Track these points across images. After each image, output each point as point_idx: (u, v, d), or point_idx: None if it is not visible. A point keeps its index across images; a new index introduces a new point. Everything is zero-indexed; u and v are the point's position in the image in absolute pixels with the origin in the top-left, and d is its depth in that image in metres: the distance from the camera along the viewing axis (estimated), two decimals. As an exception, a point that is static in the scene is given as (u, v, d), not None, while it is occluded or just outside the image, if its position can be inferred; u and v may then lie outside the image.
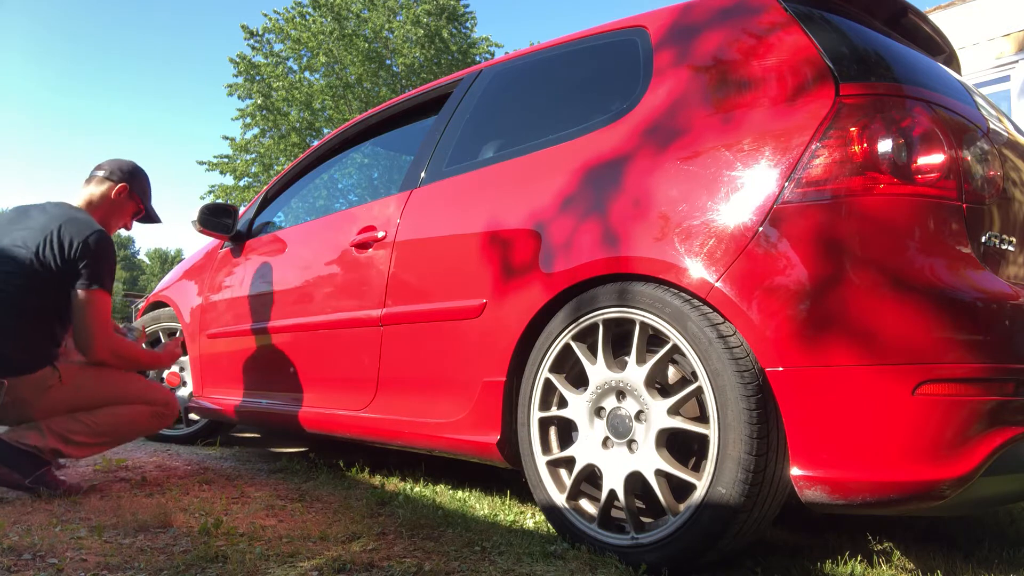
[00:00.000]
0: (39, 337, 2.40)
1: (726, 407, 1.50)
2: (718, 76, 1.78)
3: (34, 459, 2.28)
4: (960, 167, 1.53)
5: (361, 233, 2.51)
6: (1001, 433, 1.39)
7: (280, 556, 1.66)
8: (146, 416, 2.56)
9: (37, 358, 2.37)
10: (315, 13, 18.03)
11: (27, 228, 2.40)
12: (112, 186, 2.63)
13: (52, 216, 2.43)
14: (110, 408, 2.47)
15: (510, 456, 1.96)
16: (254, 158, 18.61)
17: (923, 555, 1.83)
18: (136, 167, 2.72)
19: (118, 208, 2.66)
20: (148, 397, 2.56)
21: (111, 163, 2.71)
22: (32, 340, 2.38)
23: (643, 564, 1.59)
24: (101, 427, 2.45)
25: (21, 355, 2.34)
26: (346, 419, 2.46)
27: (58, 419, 2.38)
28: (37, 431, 2.33)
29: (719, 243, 1.55)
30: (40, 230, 2.38)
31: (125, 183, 2.64)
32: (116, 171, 2.67)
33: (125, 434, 2.57)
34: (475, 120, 2.46)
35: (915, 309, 1.41)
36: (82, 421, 2.41)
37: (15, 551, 1.64)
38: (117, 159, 2.74)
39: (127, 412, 2.51)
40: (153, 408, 2.57)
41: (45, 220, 2.41)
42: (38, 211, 2.48)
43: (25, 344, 2.35)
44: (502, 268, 1.99)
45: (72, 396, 2.41)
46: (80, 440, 2.41)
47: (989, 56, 7.42)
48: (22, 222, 2.45)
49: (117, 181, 2.64)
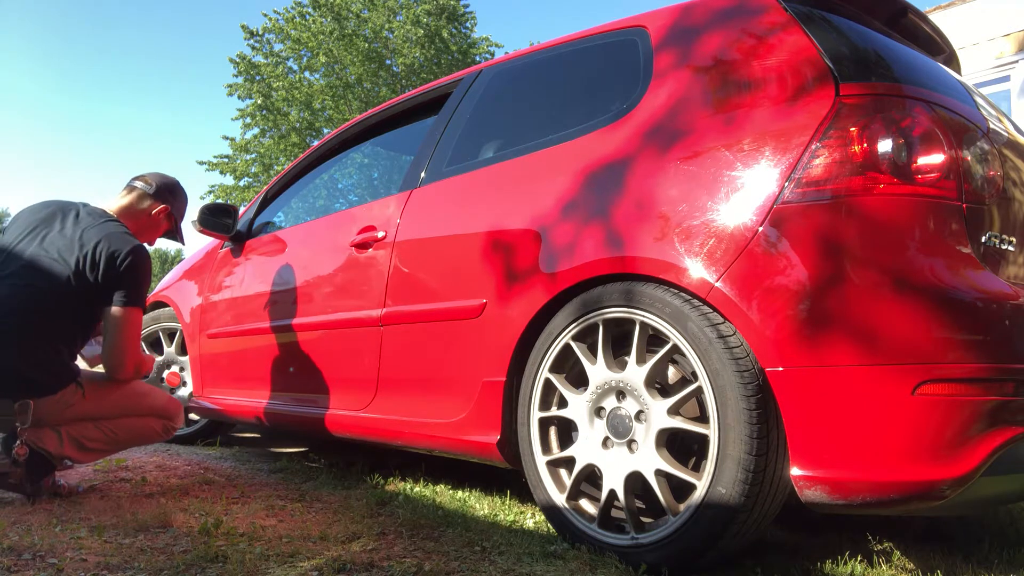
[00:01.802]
0: (64, 357, 2.35)
1: (726, 407, 1.50)
2: (718, 76, 1.78)
3: (44, 463, 2.28)
4: (960, 167, 1.53)
5: (361, 233, 2.51)
6: (1001, 433, 1.39)
7: (280, 556, 1.66)
8: (158, 429, 2.56)
9: (62, 378, 2.32)
10: (315, 13, 18.03)
11: (62, 236, 2.32)
12: (154, 204, 2.53)
13: (89, 228, 2.33)
14: (126, 419, 2.47)
15: (510, 456, 1.96)
16: (254, 158, 18.62)
17: (923, 555, 1.83)
18: (179, 188, 2.63)
19: (152, 225, 2.57)
20: (162, 411, 2.56)
21: (156, 178, 2.60)
22: (58, 361, 2.32)
23: (643, 564, 1.59)
24: (116, 436, 2.45)
25: (47, 378, 2.28)
26: (346, 419, 2.46)
27: (79, 425, 2.37)
28: (56, 435, 2.30)
29: (719, 243, 1.55)
30: (77, 242, 2.29)
31: (168, 204, 2.56)
32: (161, 190, 2.56)
33: (134, 444, 2.58)
34: (475, 120, 2.46)
35: (915, 309, 1.41)
36: (102, 429, 2.41)
37: (15, 551, 1.64)
38: (162, 175, 2.63)
39: (142, 424, 2.51)
40: (164, 422, 2.57)
41: (81, 232, 2.32)
42: (72, 217, 2.38)
43: (52, 366, 2.30)
44: (502, 268, 1.99)
45: (92, 409, 2.39)
46: (95, 447, 2.41)
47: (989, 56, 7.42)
48: (54, 225, 2.35)
49: (161, 201, 2.55)
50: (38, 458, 2.25)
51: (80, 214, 2.40)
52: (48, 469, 2.29)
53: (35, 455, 2.24)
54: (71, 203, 2.47)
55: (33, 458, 2.23)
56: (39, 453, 2.25)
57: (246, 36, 18.23)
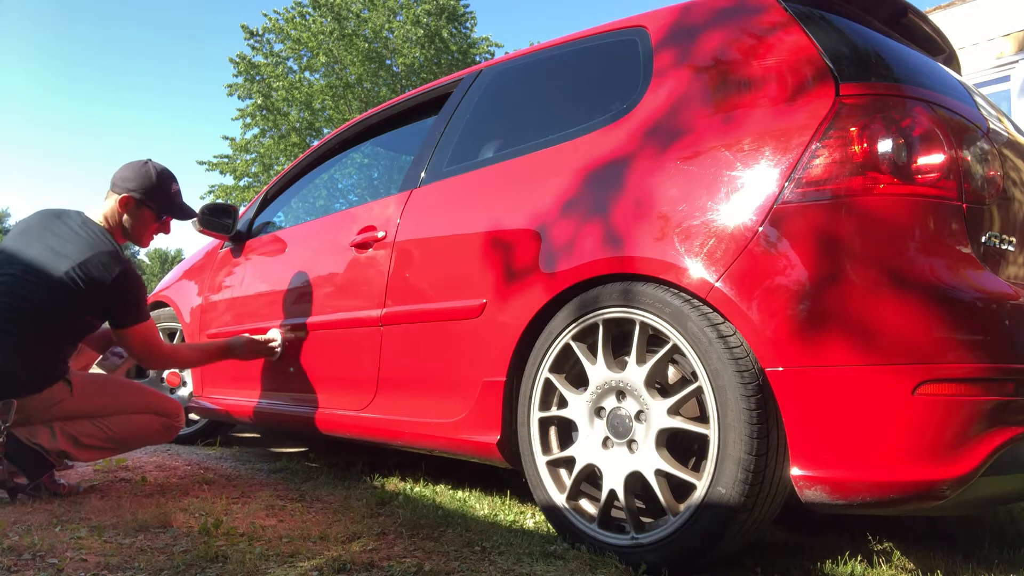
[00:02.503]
0: (51, 357, 2.35)
1: (726, 407, 1.50)
2: (718, 76, 1.78)
3: (40, 459, 2.27)
4: (960, 167, 1.53)
5: (361, 233, 2.51)
6: (1001, 433, 1.39)
7: (280, 556, 1.66)
8: (157, 427, 2.56)
9: (49, 377, 2.33)
10: (315, 13, 18.04)
11: (52, 250, 2.33)
12: (116, 199, 2.49)
13: (77, 243, 2.34)
14: (123, 416, 2.48)
15: (510, 456, 1.96)
16: (254, 158, 18.62)
17: (923, 555, 1.83)
18: (139, 171, 2.52)
19: (134, 220, 2.51)
20: (159, 408, 2.56)
21: (118, 171, 2.55)
22: (43, 361, 2.33)
23: (643, 564, 1.59)
24: (114, 433, 2.45)
25: (32, 375, 2.29)
26: (346, 419, 2.46)
27: (73, 421, 2.37)
28: (49, 430, 2.32)
29: (719, 243, 1.55)
30: (66, 258, 2.30)
31: (127, 194, 2.48)
32: (118, 181, 2.52)
33: (135, 442, 2.58)
34: (475, 120, 2.46)
35: (915, 309, 1.41)
36: (98, 425, 2.41)
37: (15, 551, 1.64)
38: (124, 165, 2.56)
39: (139, 421, 2.51)
40: (164, 420, 2.57)
41: (70, 247, 2.33)
42: (65, 229, 2.38)
43: (36, 365, 2.31)
44: (502, 268, 1.99)
45: (82, 406, 2.39)
46: (90, 443, 2.41)
47: (989, 56, 7.42)
48: (47, 237, 2.36)
49: (119, 193, 2.49)
50: (33, 455, 2.26)
51: (74, 228, 2.40)
52: (45, 466, 2.29)
53: (28, 452, 2.25)
54: (68, 212, 2.49)
55: (27, 455, 2.24)
56: (33, 449, 2.26)
57: (246, 36, 18.24)
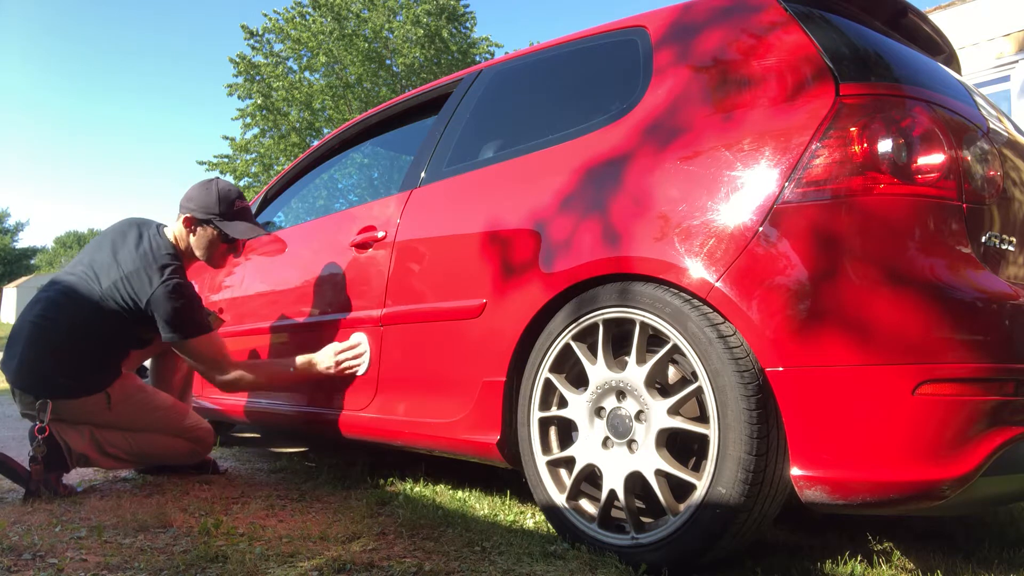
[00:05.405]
0: (92, 365, 2.37)
1: (726, 407, 1.50)
2: (718, 76, 1.78)
3: (59, 457, 2.31)
4: (960, 167, 1.53)
5: (361, 233, 2.51)
6: (1001, 433, 1.39)
7: (280, 556, 1.66)
8: (183, 451, 2.57)
9: (89, 386, 2.35)
10: (315, 13, 18.05)
11: (113, 259, 2.35)
12: (181, 219, 2.48)
13: (132, 256, 2.35)
14: (154, 435, 2.49)
15: (510, 456, 1.96)
16: (254, 158, 18.63)
17: (923, 555, 1.83)
18: (201, 190, 2.48)
19: (200, 241, 2.48)
20: (192, 435, 2.57)
21: (189, 190, 2.51)
22: (84, 369, 2.36)
23: (643, 564, 1.58)
24: (140, 448, 2.47)
25: (71, 382, 2.33)
26: (346, 419, 2.46)
27: (105, 430, 2.40)
28: (79, 433, 2.35)
29: (719, 243, 1.55)
30: (118, 268, 2.33)
31: (189, 214, 2.45)
32: (183, 201, 2.47)
33: (156, 460, 2.59)
34: (475, 120, 2.46)
35: (915, 309, 1.40)
36: (127, 438, 2.43)
37: (15, 551, 1.64)
38: (196, 184, 2.52)
39: (167, 442, 2.53)
40: (192, 446, 2.58)
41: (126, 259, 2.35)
42: (133, 240, 2.40)
43: (76, 372, 2.34)
44: (502, 268, 1.99)
45: (116, 420, 2.41)
46: (114, 453, 2.43)
47: (989, 56, 7.42)
48: (119, 245, 2.39)
49: (183, 213, 2.47)
50: (58, 451, 2.29)
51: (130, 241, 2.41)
52: (62, 465, 2.31)
53: (56, 446, 2.28)
54: (147, 223, 2.50)
55: (51, 452, 2.27)
56: (58, 445, 2.29)
57: (246, 36, 18.25)
